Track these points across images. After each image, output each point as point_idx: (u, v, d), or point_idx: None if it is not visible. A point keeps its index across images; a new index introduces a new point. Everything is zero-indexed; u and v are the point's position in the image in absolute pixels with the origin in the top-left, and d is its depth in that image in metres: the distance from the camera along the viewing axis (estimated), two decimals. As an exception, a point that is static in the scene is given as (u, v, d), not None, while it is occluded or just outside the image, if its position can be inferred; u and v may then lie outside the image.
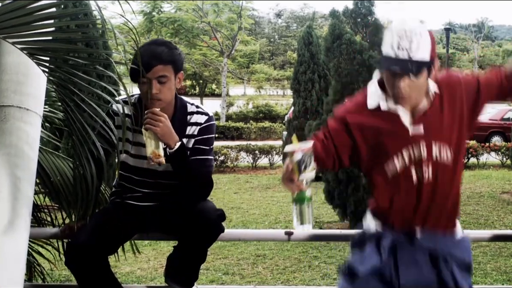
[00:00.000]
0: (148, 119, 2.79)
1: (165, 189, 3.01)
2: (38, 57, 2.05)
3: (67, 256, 2.86)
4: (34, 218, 3.52)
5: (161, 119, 2.80)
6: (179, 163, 2.87)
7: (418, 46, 2.33)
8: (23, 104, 2.36)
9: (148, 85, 2.81)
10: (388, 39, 2.38)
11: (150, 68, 2.78)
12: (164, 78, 2.83)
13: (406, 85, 2.35)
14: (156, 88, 2.81)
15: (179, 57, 2.94)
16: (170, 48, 2.88)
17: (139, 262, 7.21)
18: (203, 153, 2.97)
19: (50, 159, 3.26)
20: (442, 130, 2.46)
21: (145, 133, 2.81)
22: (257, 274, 6.98)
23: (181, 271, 3.00)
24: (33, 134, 2.42)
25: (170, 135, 2.83)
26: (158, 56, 2.80)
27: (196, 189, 2.96)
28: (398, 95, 2.39)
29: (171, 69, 2.86)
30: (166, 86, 2.85)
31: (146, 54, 2.76)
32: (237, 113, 31.31)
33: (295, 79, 14.34)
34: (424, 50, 2.35)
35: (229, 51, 27.17)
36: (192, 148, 2.97)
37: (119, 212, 3.03)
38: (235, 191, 12.64)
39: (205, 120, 3.01)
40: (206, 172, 2.98)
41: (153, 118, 2.79)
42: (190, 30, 27.04)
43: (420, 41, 2.34)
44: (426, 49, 2.36)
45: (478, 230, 6.78)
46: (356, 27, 9.39)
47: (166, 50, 2.85)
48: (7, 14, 1.88)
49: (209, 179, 3.00)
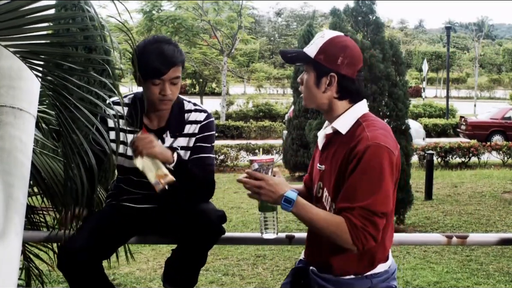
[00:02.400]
0: (139, 147, 2.70)
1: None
2: (31, 61, 1.99)
3: (59, 260, 2.79)
4: (28, 220, 3.46)
5: (151, 139, 2.73)
6: (182, 171, 2.81)
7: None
8: (16, 104, 2.29)
9: (161, 86, 2.78)
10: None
11: (166, 72, 2.75)
12: (177, 79, 2.82)
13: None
14: (169, 90, 2.78)
15: (184, 54, 2.92)
16: (177, 46, 2.85)
17: (138, 263, 7.17)
18: (204, 151, 2.92)
19: (44, 161, 3.19)
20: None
21: (139, 163, 2.73)
22: (257, 275, 6.94)
23: (180, 274, 2.93)
24: (26, 136, 2.35)
25: (166, 150, 2.77)
26: (172, 59, 2.77)
27: (198, 190, 2.90)
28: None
29: (181, 69, 2.85)
30: (177, 86, 2.85)
31: (156, 56, 2.72)
32: (237, 112, 31.25)
33: (295, 78, 14.27)
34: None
35: (229, 50, 27.09)
36: (194, 147, 2.91)
37: (115, 215, 2.96)
38: (235, 191, 12.59)
39: (204, 117, 2.96)
40: (208, 172, 2.92)
41: (142, 143, 2.71)
42: (190, 29, 26.94)
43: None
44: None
45: (485, 234, 6.73)
46: (357, 25, 9.34)
47: (177, 50, 2.82)
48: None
49: (211, 178, 2.94)
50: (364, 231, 2.23)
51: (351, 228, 2.23)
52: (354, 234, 2.24)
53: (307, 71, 2.47)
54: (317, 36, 2.47)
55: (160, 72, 2.73)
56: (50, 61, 2.05)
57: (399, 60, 9.14)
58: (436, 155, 15.86)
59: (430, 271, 7.11)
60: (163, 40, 2.83)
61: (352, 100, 2.45)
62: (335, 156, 2.39)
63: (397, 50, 9.10)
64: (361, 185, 2.25)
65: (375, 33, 9.00)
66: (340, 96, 2.42)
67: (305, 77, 2.48)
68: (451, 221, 9.78)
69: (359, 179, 2.25)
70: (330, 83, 2.40)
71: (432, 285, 6.66)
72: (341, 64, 2.38)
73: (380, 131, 2.33)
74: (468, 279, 6.84)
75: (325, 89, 2.41)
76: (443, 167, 16.41)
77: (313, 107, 2.51)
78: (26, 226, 2.88)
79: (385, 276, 2.42)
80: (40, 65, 2.07)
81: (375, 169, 2.24)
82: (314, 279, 2.46)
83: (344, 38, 2.44)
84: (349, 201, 2.26)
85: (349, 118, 2.42)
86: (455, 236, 3.06)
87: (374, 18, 9.24)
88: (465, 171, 15.82)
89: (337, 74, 2.38)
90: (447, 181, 13.67)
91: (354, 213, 2.23)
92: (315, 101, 2.46)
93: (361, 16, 9.29)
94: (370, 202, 2.23)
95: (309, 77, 2.45)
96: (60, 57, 2.11)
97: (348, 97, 2.43)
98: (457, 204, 11.15)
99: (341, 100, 2.43)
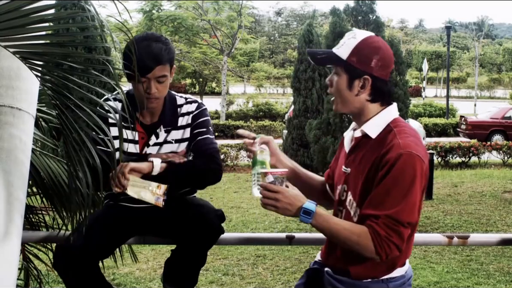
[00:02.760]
0: (117, 181, 2.68)
1: (165, 182, 2.83)
2: (31, 61, 1.98)
3: (55, 259, 2.77)
4: (27, 220, 3.45)
5: (122, 164, 2.69)
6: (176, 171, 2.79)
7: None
8: (15, 104, 2.28)
9: (146, 84, 2.74)
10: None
11: (151, 70, 2.70)
12: (164, 77, 2.78)
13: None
14: (155, 88, 2.74)
15: (174, 52, 2.87)
16: (167, 45, 2.79)
17: (137, 263, 7.15)
18: (201, 134, 2.90)
19: (44, 161, 3.18)
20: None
21: (131, 192, 2.72)
22: (257, 275, 6.93)
23: (180, 275, 2.91)
24: (25, 136, 2.33)
25: (141, 166, 2.73)
26: (158, 57, 2.72)
27: (205, 175, 2.87)
28: None
29: (169, 67, 2.80)
30: (164, 84, 2.80)
31: (143, 54, 2.66)
32: (237, 112, 31.24)
33: (295, 78, 14.30)
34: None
35: (229, 49, 27.08)
36: (191, 136, 2.90)
37: (113, 215, 2.94)
38: (235, 190, 12.59)
39: (196, 107, 2.94)
40: (211, 152, 2.88)
41: (119, 179, 2.68)
42: (190, 28, 26.92)
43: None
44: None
45: (486, 234, 6.74)
46: (357, 25, 9.35)
47: (164, 48, 2.76)
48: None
49: (216, 158, 2.89)
50: (388, 241, 2.18)
51: (374, 237, 2.19)
52: (377, 243, 2.19)
53: (337, 73, 2.37)
54: (347, 36, 2.39)
55: (145, 70, 2.68)
56: (50, 61, 2.04)
57: (400, 59, 9.15)
58: (436, 155, 15.86)
59: (431, 271, 7.10)
60: (152, 38, 2.78)
61: (383, 103, 2.39)
62: (363, 161, 2.33)
63: (398, 49, 9.11)
64: (390, 193, 2.20)
65: (375, 33, 8.98)
66: (372, 99, 2.36)
67: (335, 79, 2.38)
68: (451, 221, 9.77)
69: (389, 187, 2.20)
70: (364, 86, 2.33)
71: (432, 285, 6.65)
72: (374, 66, 2.32)
73: (411, 138, 2.27)
74: (469, 279, 6.84)
75: (358, 92, 2.34)
76: (443, 166, 16.40)
77: (346, 112, 2.44)
78: (25, 226, 2.87)
79: (402, 281, 2.37)
80: (40, 65, 2.05)
81: (406, 178, 2.19)
82: (329, 280, 2.42)
83: (376, 38, 2.38)
84: (376, 209, 2.21)
85: (380, 122, 2.36)
86: (456, 236, 3.05)
87: (374, 18, 9.26)
88: (465, 170, 15.82)
89: (371, 76, 2.32)
90: (447, 181, 13.66)
91: (379, 222, 2.19)
92: (348, 106, 2.39)
93: (361, 16, 9.30)
94: (396, 211, 2.18)
95: (340, 80, 2.36)
96: (60, 57, 2.10)
97: (380, 100, 2.37)
98: (457, 204, 11.14)
99: (373, 103, 2.37)
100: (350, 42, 2.35)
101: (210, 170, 2.86)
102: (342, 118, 8.52)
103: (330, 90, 2.42)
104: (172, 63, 2.84)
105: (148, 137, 2.89)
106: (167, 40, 2.85)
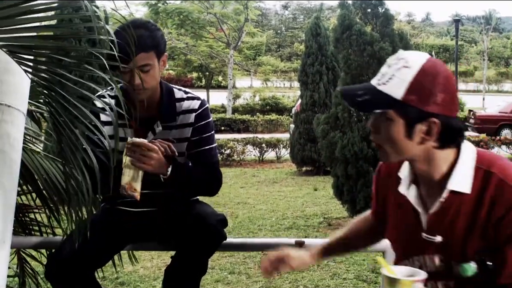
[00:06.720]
0: (138, 155, 2.49)
1: (165, 186, 2.67)
2: (19, 55, 1.83)
3: (47, 269, 2.60)
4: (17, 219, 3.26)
5: (153, 155, 2.49)
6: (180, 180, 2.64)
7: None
8: (4, 100, 2.13)
9: (129, 75, 2.51)
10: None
11: (131, 59, 2.41)
12: (148, 66, 2.52)
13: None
14: (139, 78, 2.48)
15: (162, 39, 2.60)
16: (151, 31, 2.55)
17: (142, 261, 7.02)
18: (205, 143, 2.72)
19: (36, 160, 3.01)
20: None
21: (126, 160, 2.51)
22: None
23: (180, 284, 2.74)
24: (15, 134, 2.19)
25: (162, 167, 2.55)
26: (139, 43, 2.40)
27: (204, 187, 2.75)
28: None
29: (154, 55, 2.55)
30: (150, 74, 2.54)
31: (124, 40, 2.28)
32: (244, 106, 31.10)
33: (302, 71, 14.12)
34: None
35: (236, 43, 26.95)
36: (193, 141, 2.70)
37: (109, 221, 2.76)
38: (241, 186, 12.45)
39: (199, 105, 2.72)
40: (213, 166, 2.75)
41: (144, 155, 2.49)
42: (196, 22, 26.83)
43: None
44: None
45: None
46: (366, 17, 9.16)
47: (147, 34, 2.51)
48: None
49: (217, 173, 2.76)
50: None
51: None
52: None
53: (389, 117, 1.76)
54: (395, 64, 1.76)
55: (123, 59, 2.31)
56: (40, 55, 1.89)
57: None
58: (445, 150, 15.67)
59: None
60: (137, 24, 2.52)
61: (457, 144, 1.83)
62: (462, 223, 1.79)
63: (407, 43, 8.90)
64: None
65: (384, 26, 8.80)
66: (442, 145, 1.78)
67: (384, 125, 1.78)
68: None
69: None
70: (430, 132, 1.75)
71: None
72: (442, 102, 1.72)
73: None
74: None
75: (421, 139, 1.76)
76: (452, 161, 16.22)
77: (399, 159, 1.90)
78: (14, 225, 2.73)
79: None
80: (29, 59, 1.90)
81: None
82: None
83: (433, 62, 1.77)
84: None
85: (466, 170, 1.80)
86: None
87: (384, 10, 9.05)
88: (475, 165, 15.63)
89: (438, 117, 1.72)
90: (456, 176, 13.49)
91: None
92: (407, 154, 1.81)
93: (370, 8, 9.11)
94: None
95: (394, 127, 1.76)
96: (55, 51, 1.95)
97: (452, 143, 1.81)
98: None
99: (443, 149, 1.80)
100: (404, 73, 1.73)
101: (214, 183, 2.75)
102: (350, 113, 8.34)
103: (375, 137, 1.83)
104: (160, 51, 2.58)
105: (144, 134, 2.68)
106: (154, 26, 2.61)
